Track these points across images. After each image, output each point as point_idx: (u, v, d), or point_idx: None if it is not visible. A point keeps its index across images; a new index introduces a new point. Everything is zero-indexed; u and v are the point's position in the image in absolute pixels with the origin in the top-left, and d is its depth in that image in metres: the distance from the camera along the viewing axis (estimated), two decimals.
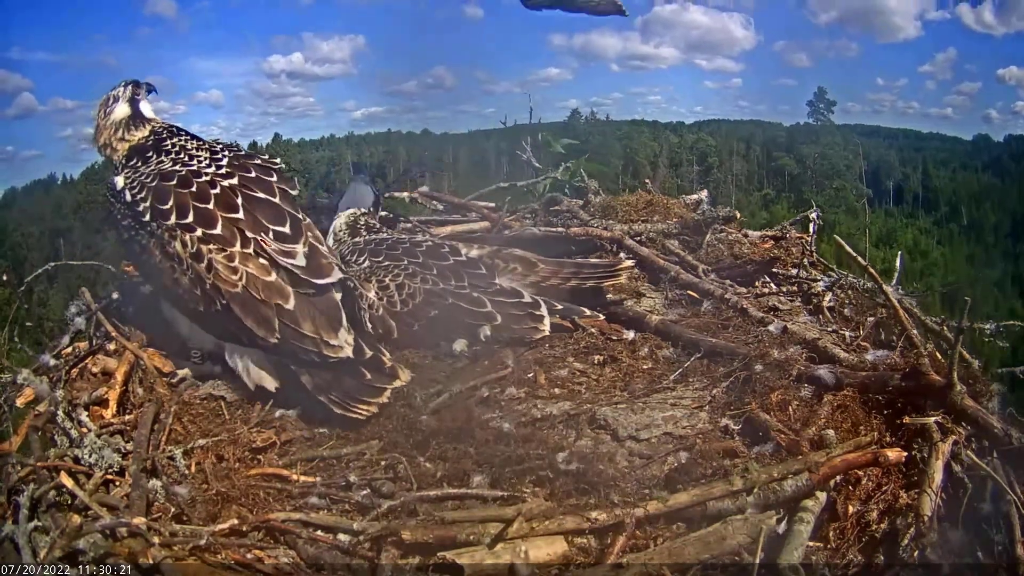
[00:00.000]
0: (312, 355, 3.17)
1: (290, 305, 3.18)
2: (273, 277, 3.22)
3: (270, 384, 3.30)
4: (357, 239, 4.29)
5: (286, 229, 3.32)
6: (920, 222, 54.83)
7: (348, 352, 3.18)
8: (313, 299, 3.24)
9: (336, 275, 3.31)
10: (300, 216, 3.44)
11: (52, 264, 4.54)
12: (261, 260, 3.24)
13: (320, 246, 3.39)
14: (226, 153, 3.58)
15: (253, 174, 3.47)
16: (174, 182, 3.36)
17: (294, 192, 3.55)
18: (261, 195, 3.40)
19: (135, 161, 3.64)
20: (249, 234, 3.26)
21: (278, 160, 3.64)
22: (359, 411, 3.14)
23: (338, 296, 3.30)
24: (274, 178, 3.50)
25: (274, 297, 3.18)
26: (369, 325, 3.42)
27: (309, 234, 3.39)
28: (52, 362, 3.54)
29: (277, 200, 3.41)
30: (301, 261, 3.26)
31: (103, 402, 3.25)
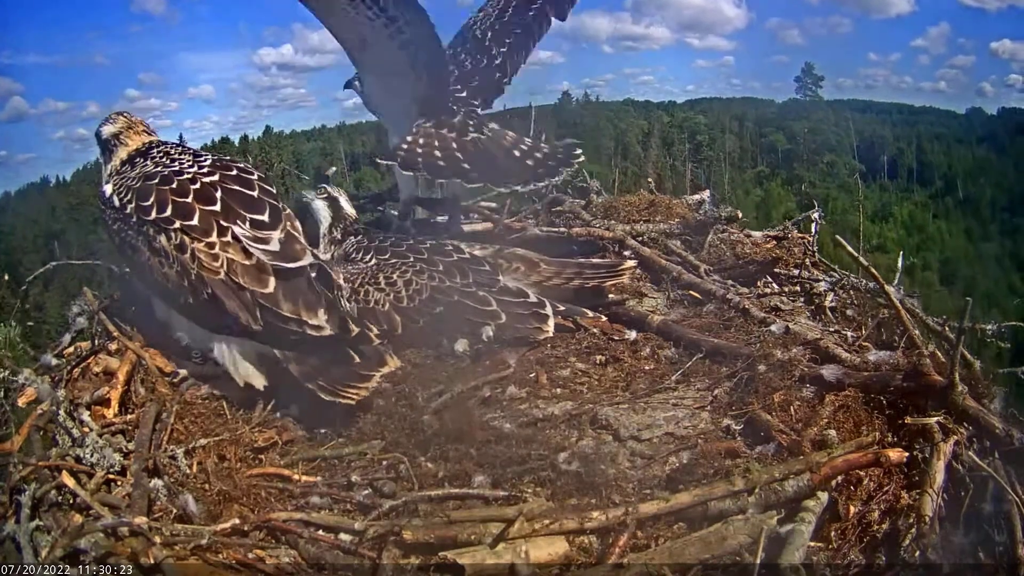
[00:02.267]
0: (297, 335, 3.19)
1: (269, 288, 3.22)
2: (252, 261, 3.26)
3: (258, 382, 3.32)
4: (360, 238, 4.28)
5: (264, 217, 3.37)
6: (916, 196, 54.23)
7: (331, 329, 3.20)
8: (289, 282, 3.27)
9: (308, 259, 3.35)
10: (281, 207, 3.48)
11: (52, 264, 4.54)
12: (240, 246, 3.28)
13: (298, 235, 3.43)
14: (208, 156, 3.65)
15: (234, 172, 3.53)
16: (156, 180, 3.43)
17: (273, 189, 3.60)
18: (239, 188, 3.45)
19: (124, 168, 3.73)
20: (224, 223, 3.30)
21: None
22: (348, 395, 3.15)
23: (313, 274, 3.34)
24: (255, 176, 3.55)
25: (253, 282, 3.22)
26: (347, 305, 3.43)
27: (288, 223, 3.43)
28: (54, 362, 3.54)
29: (256, 194, 3.46)
30: (275, 247, 3.30)
31: (105, 402, 3.25)
